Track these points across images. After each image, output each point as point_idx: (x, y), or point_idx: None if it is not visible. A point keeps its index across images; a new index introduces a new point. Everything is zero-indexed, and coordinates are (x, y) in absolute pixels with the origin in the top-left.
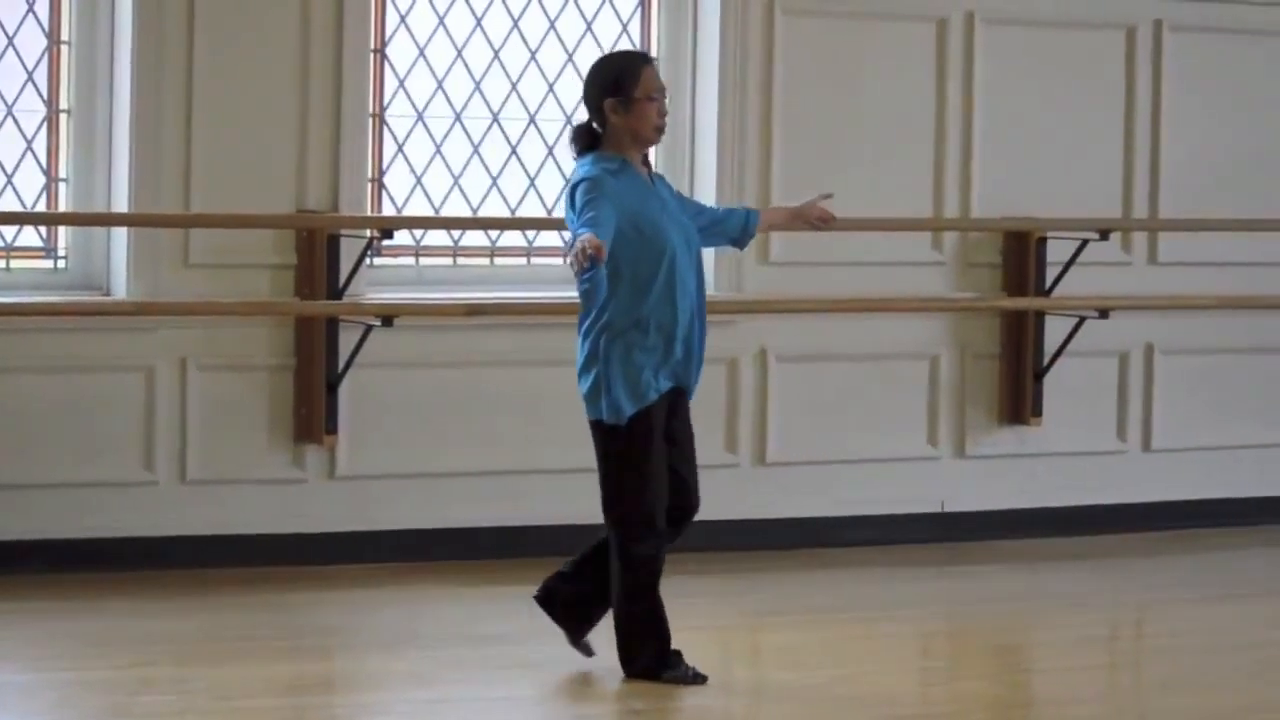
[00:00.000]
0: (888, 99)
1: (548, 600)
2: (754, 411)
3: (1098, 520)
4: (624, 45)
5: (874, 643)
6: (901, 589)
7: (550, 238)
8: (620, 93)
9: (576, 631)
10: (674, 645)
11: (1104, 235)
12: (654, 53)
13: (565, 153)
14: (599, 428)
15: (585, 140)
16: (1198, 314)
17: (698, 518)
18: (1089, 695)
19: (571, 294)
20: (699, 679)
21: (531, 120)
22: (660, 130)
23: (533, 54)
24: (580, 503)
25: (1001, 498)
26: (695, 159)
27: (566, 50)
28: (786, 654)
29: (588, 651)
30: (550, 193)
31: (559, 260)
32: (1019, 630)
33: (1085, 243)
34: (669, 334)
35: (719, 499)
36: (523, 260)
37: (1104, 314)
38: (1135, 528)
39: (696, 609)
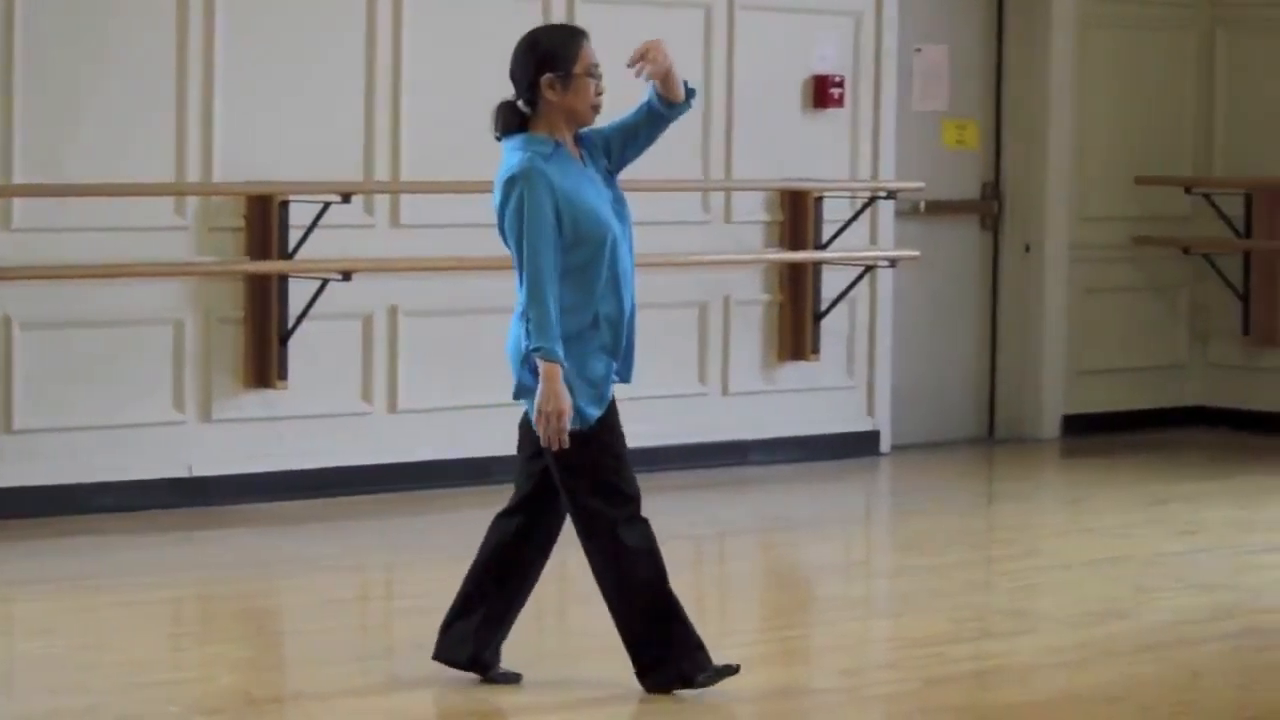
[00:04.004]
0: (130, 61)
1: (448, 651)
2: (0, 380)
3: (345, 482)
4: None
5: (123, 610)
6: (149, 554)
7: None
8: (559, 68)
9: (492, 664)
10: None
11: (346, 198)
12: None
13: None
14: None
15: (512, 120)
16: (438, 275)
17: None
18: (336, 656)
19: None
20: (730, 671)
21: None
22: (597, 109)
23: None
24: None
25: (248, 461)
26: None
27: None
28: (35, 623)
29: (512, 678)
30: None
31: None
32: (268, 594)
33: (328, 205)
34: (616, 326)
35: None
36: None
37: (347, 276)
38: (381, 489)
39: None
